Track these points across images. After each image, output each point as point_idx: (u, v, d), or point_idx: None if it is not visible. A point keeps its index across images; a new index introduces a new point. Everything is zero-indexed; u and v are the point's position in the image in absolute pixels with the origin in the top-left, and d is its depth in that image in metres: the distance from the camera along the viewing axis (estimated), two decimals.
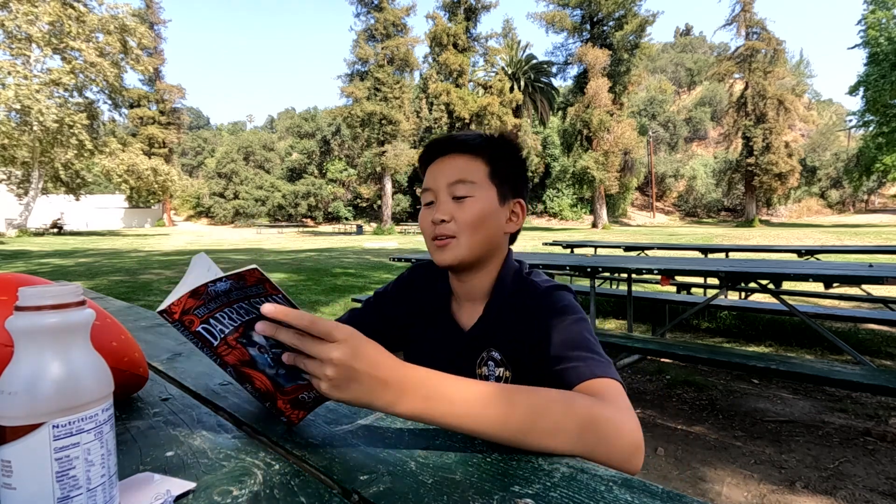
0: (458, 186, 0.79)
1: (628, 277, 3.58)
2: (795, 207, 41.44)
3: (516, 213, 0.85)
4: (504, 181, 0.82)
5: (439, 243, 0.80)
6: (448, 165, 0.81)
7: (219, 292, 0.50)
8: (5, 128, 19.50)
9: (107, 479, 0.37)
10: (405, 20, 31.44)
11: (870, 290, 4.73)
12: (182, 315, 0.51)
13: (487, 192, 0.80)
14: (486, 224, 0.80)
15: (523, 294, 0.81)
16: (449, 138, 0.83)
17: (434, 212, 0.80)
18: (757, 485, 1.88)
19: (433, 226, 0.80)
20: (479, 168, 0.80)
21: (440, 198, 0.80)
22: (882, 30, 21.64)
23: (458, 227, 0.78)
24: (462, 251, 0.79)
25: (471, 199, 0.79)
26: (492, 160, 0.81)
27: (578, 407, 0.54)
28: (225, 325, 0.53)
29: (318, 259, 11.98)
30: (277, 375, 0.57)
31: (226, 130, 67.92)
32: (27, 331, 0.35)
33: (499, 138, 0.85)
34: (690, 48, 71.25)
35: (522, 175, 0.87)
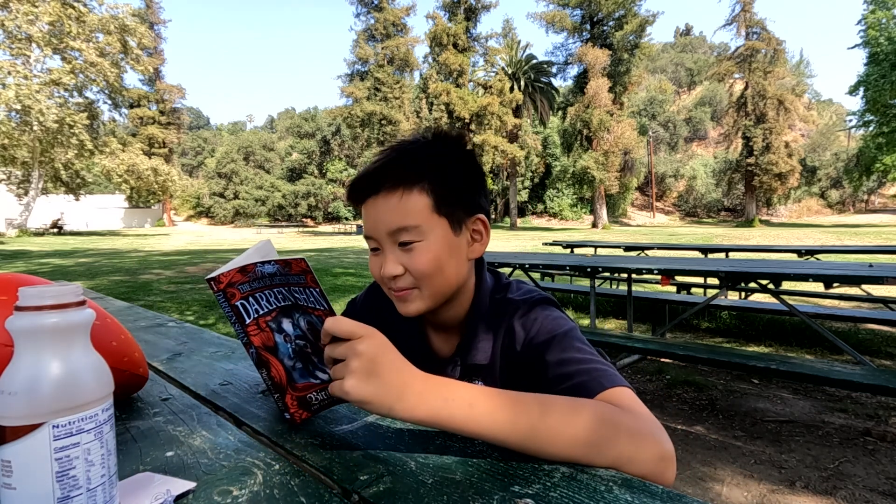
0: (401, 234, 0.66)
1: (628, 277, 3.58)
2: (795, 207, 41.43)
3: (478, 230, 0.73)
4: (454, 205, 0.69)
5: (398, 295, 0.70)
6: (382, 209, 0.67)
7: (264, 274, 0.55)
8: (5, 128, 19.50)
9: (107, 479, 0.37)
10: (405, 20, 31.52)
11: (870, 290, 4.73)
12: (227, 286, 0.54)
13: (436, 230, 0.67)
14: (444, 268, 0.68)
15: (503, 315, 0.73)
16: (375, 171, 0.68)
17: (381, 263, 0.69)
18: (757, 485, 1.88)
19: (386, 279, 0.69)
20: (420, 203, 0.66)
21: (385, 248, 0.68)
22: (882, 30, 21.62)
23: (413, 278, 0.68)
24: (425, 302, 0.70)
25: (419, 245, 0.66)
26: (434, 187, 0.67)
27: (607, 413, 0.51)
28: (261, 307, 0.57)
29: (318, 259, 11.98)
30: (294, 368, 0.59)
31: (226, 130, 67.94)
32: (27, 331, 0.35)
33: (439, 147, 0.71)
34: (690, 48, 71.26)
35: (475, 185, 0.72)
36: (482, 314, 0.74)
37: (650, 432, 0.51)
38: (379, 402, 0.47)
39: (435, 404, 0.49)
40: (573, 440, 0.48)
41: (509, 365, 0.72)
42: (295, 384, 0.59)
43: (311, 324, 0.58)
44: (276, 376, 0.58)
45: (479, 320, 0.74)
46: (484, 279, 0.77)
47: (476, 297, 0.75)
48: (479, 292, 0.75)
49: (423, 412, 0.48)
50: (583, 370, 0.61)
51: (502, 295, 0.76)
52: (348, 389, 0.47)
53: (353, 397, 0.47)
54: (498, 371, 0.73)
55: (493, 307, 0.75)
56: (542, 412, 0.50)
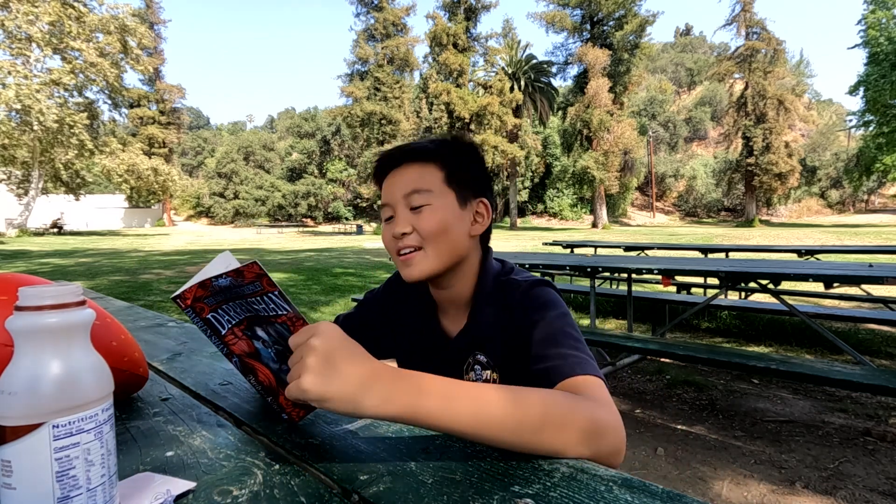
0: (414, 196, 0.76)
1: (628, 277, 3.58)
2: (795, 207, 41.43)
3: (480, 213, 0.82)
4: (462, 183, 0.79)
5: (404, 258, 0.77)
6: (401, 177, 0.78)
7: (220, 287, 0.53)
8: (5, 128, 19.51)
9: (107, 479, 0.37)
10: (405, 20, 31.49)
11: (870, 290, 4.73)
12: (194, 302, 0.54)
13: (445, 197, 0.77)
14: (448, 231, 0.76)
15: (504, 294, 0.80)
16: (399, 149, 0.80)
17: (393, 226, 0.77)
18: (757, 485, 1.88)
19: (395, 240, 0.77)
20: (434, 174, 0.77)
21: (398, 211, 0.77)
22: (882, 30, 21.62)
23: (419, 238, 0.76)
24: (429, 263, 0.76)
25: (428, 208, 0.75)
26: (447, 164, 0.78)
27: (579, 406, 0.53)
28: (231, 317, 0.57)
29: (318, 259, 11.98)
30: (280, 371, 0.58)
31: (226, 130, 67.94)
32: (27, 331, 0.35)
33: (453, 141, 0.82)
34: (690, 48, 71.26)
35: (482, 175, 0.83)
36: (487, 293, 0.81)
37: (604, 420, 0.54)
38: (342, 397, 0.44)
39: (406, 397, 0.46)
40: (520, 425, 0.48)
41: (508, 340, 0.77)
42: (285, 384, 0.58)
43: (278, 333, 0.56)
44: (265, 380, 0.58)
45: (484, 298, 0.81)
46: (490, 262, 0.84)
47: (481, 277, 0.82)
48: (484, 273, 0.82)
49: (394, 407, 0.45)
50: (560, 354, 0.65)
51: (507, 277, 0.82)
52: (306, 387, 0.43)
53: (312, 395, 0.44)
54: (499, 344, 0.78)
55: (498, 287, 0.81)
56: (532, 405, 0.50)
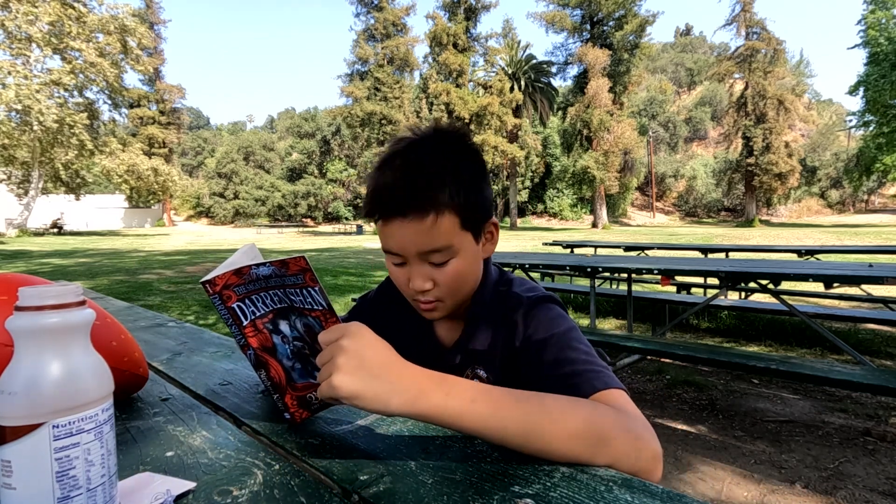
0: (433, 255, 0.67)
1: (628, 277, 3.58)
2: (795, 207, 41.44)
3: (490, 232, 0.75)
4: (476, 217, 0.69)
5: (425, 307, 0.71)
6: (411, 231, 0.64)
7: (259, 276, 0.54)
8: (5, 128, 19.51)
9: (107, 479, 0.37)
10: (405, 20, 31.49)
11: (870, 290, 4.73)
12: (223, 289, 0.54)
13: (465, 243, 0.68)
14: (469, 276, 0.72)
15: (505, 307, 0.75)
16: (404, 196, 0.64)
17: (409, 277, 0.69)
18: (757, 485, 1.88)
19: (413, 290, 0.70)
20: (451, 224, 0.65)
21: (413, 265, 0.68)
22: (882, 30, 21.61)
23: (441, 291, 0.69)
24: (450, 308, 0.73)
25: (452, 262, 0.68)
26: (460, 206, 0.66)
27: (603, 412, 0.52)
28: (258, 308, 0.57)
29: (318, 259, 11.98)
30: (293, 369, 0.59)
31: (226, 130, 67.93)
32: (27, 331, 0.35)
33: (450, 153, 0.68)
34: (690, 48, 71.26)
35: (488, 191, 0.73)
36: (485, 304, 0.77)
37: (642, 432, 0.52)
38: (372, 395, 0.46)
39: (436, 399, 0.47)
40: (571, 437, 0.48)
41: (508, 357, 0.73)
42: (294, 384, 0.59)
43: (308, 326, 0.58)
44: (276, 377, 0.58)
45: (482, 310, 0.77)
46: (489, 272, 0.79)
47: (480, 287, 0.77)
48: (483, 284, 0.77)
49: (424, 406, 0.47)
50: (577, 371, 0.62)
51: (506, 288, 0.78)
52: (337, 384, 0.45)
53: (343, 392, 0.45)
54: (498, 361, 0.75)
55: (497, 298, 0.77)
56: (541, 409, 0.49)
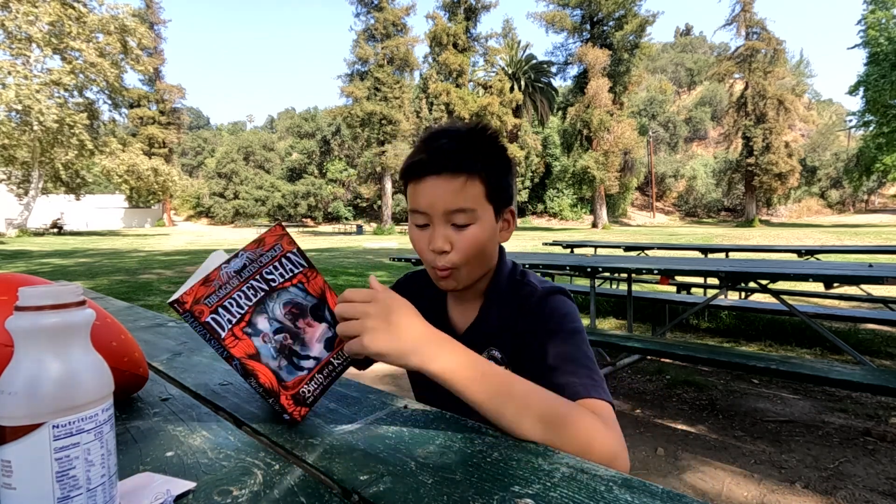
0: (458, 215, 0.72)
1: (628, 277, 3.58)
2: (795, 207, 41.44)
3: (508, 220, 0.81)
4: (499, 197, 0.77)
5: (442, 273, 0.76)
6: (443, 189, 0.71)
7: (231, 274, 0.54)
8: (5, 128, 19.50)
9: (107, 479, 0.37)
10: (405, 20, 31.46)
11: (870, 290, 4.73)
12: (193, 305, 0.53)
13: (486, 214, 0.75)
14: (486, 248, 0.76)
15: (521, 295, 0.80)
16: (441, 155, 0.72)
17: (431, 238, 0.74)
18: (757, 485, 1.88)
19: (431, 253, 0.75)
20: (478, 190, 0.73)
21: (436, 224, 0.74)
22: (882, 30, 21.62)
23: (458, 256, 0.74)
24: (465, 279, 0.77)
25: (472, 227, 0.73)
26: (489, 179, 0.74)
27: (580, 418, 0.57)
28: (233, 314, 0.56)
29: (318, 259, 11.98)
30: (280, 368, 0.58)
31: (226, 130, 67.92)
32: (27, 331, 0.35)
33: (490, 143, 0.76)
34: (690, 48, 71.26)
35: (512, 181, 0.80)
36: (500, 291, 0.81)
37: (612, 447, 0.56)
38: (396, 353, 0.54)
39: (447, 362, 0.55)
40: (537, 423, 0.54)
41: (518, 343, 0.77)
42: (285, 383, 0.58)
43: (288, 305, 0.58)
44: (267, 382, 0.57)
45: (497, 296, 0.81)
46: (504, 260, 0.84)
47: (496, 275, 0.82)
48: (499, 271, 0.82)
49: (437, 367, 0.55)
50: (578, 372, 0.67)
51: (522, 279, 0.83)
52: (367, 343, 0.53)
53: (372, 350, 0.53)
54: (510, 344, 0.79)
55: (512, 287, 0.82)
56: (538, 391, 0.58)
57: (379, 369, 3.35)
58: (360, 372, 1.02)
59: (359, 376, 2.92)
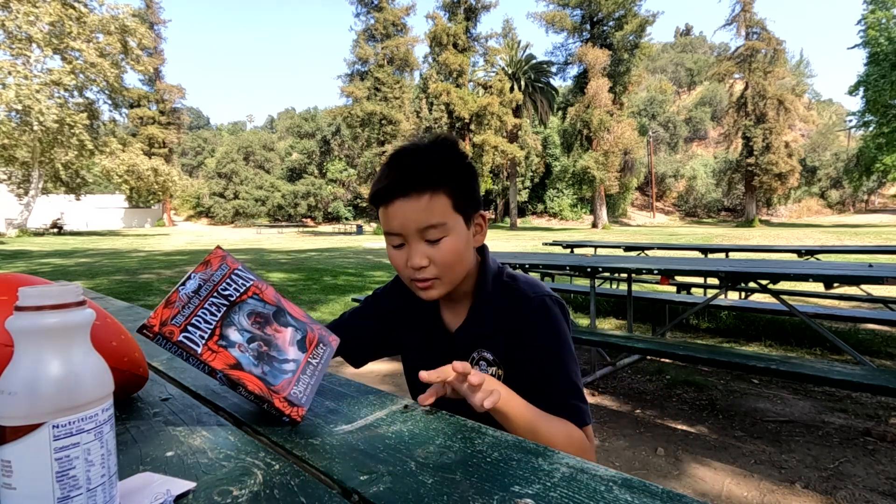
0: (430, 231, 0.75)
1: (628, 277, 3.58)
2: (795, 207, 41.44)
3: (480, 224, 0.85)
4: (467, 205, 0.80)
5: (421, 285, 0.79)
6: (411, 209, 0.75)
7: (190, 294, 0.54)
8: (6, 128, 19.50)
9: (107, 479, 0.37)
10: (405, 20, 31.50)
11: (870, 290, 4.73)
12: (161, 328, 0.53)
13: (457, 224, 0.78)
14: (461, 257, 0.79)
15: (511, 298, 0.83)
16: (405, 177, 0.75)
17: (408, 256, 0.77)
18: (757, 485, 1.88)
19: (410, 269, 0.78)
20: (445, 204, 0.76)
21: (411, 243, 0.77)
22: (882, 30, 21.62)
23: (437, 269, 0.77)
24: (445, 288, 0.80)
25: (445, 240, 0.76)
26: (453, 191, 0.77)
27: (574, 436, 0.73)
28: (203, 331, 0.56)
29: (318, 259, 11.98)
30: (265, 374, 0.59)
31: (226, 130, 67.91)
32: (27, 331, 0.35)
33: (450, 155, 0.79)
34: (690, 48, 71.26)
35: (476, 186, 0.83)
36: (488, 292, 0.85)
37: None
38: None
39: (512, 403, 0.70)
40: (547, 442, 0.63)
41: (510, 342, 0.82)
42: (274, 387, 0.58)
43: (251, 314, 0.59)
44: (256, 389, 0.57)
45: (485, 297, 0.84)
46: (488, 262, 0.87)
47: (481, 277, 0.86)
48: (483, 273, 0.86)
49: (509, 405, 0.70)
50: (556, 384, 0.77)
51: (511, 282, 0.85)
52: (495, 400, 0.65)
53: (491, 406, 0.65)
54: (502, 348, 0.83)
55: (501, 289, 0.85)
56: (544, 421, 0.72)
57: (379, 369, 3.35)
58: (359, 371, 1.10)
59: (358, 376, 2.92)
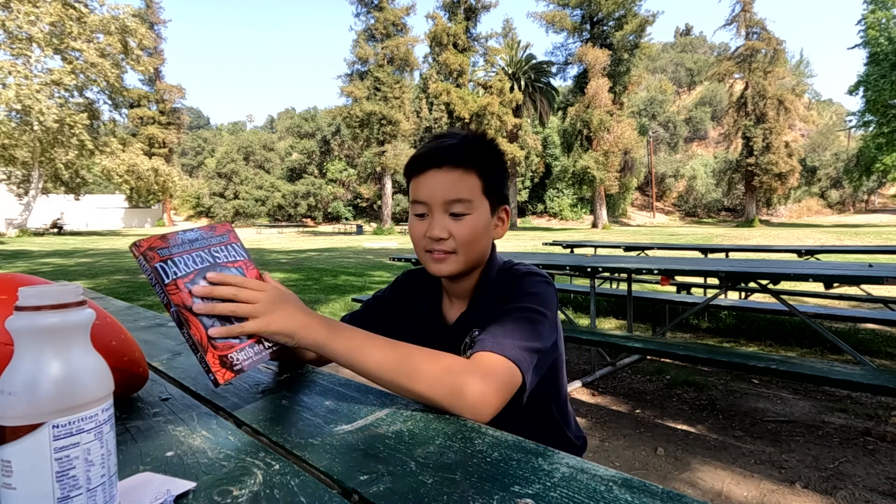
0: (455, 205, 0.79)
1: (628, 277, 3.58)
2: (795, 207, 41.42)
3: (502, 218, 0.88)
4: (495, 194, 0.83)
5: (436, 256, 0.81)
6: (442, 180, 0.79)
7: (185, 240, 0.63)
8: (6, 128, 19.51)
9: (107, 479, 0.37)
10: (405, 20, 31.43)
11: (870, 290, 4.73)
12: (147, 250, 0.60)
13: (482, 207, 0.81)
14: (480, 239, 0.82)
15: (504, 281, 0.86)
16: (442, 150, 0.80)
17: (429, 226, 0.80)
18: (757, 485, 1.88)
19: (428, 240, 0.80)
20: (475, 184, 0.80)
21: (435, 214, 0.80)
22: (882, 30, 21.61)
23: (456, 243, 0.80)
24: (459, 265, 0.82)
25: (468, 217, 0.80)
26: (485, 174, 0.81)
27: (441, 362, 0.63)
28: (179, 269, 0.62)
29: (318, 259, 11.98)
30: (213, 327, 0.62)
31: (226, 130, 67.85)
32: (27, 331, 0.35)
33: (488, 145, 0.83)
34: (690, 48, 71.22)
35: (506, 182, 0.88)
36: (489, 285, 0.87)
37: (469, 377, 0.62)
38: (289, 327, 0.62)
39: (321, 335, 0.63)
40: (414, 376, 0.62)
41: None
42: (215, 342, 0.61)
43: None
44: (196, 335, 0.60)
45: (485, 290, 0.87)
46: (495, 256, 0.90)
47: (486, 270, 0.88)
48: (488, 267, 0.88)
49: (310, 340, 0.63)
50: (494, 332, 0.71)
51: (508, 267, 0.89)
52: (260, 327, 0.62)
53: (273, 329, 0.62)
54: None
55: (500, 277, 0.87)
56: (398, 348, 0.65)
57: None
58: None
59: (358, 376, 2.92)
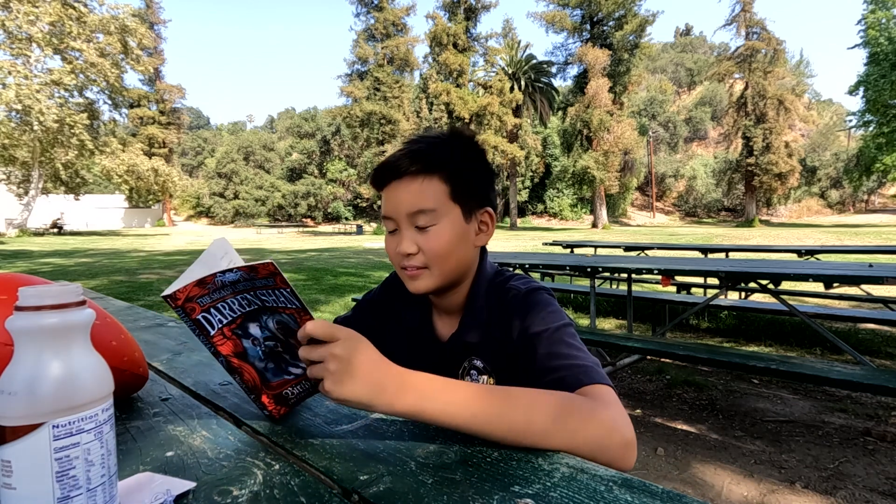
0: (419, 217, 0.72)
1: (628, 277, 3.58)
2: (795, 207, 41.41)
3: (485, 222, 0.79)
4: (467, 196, 0.75)
5: (410, 273, 0.75)
6: (403, 192, 0.73)
7: (226, 282, 0.53)
8: (6, 128, 19.51)
9: (107, 479, 0.37)
10: (405, 20, 31.47)
11: (870, 290, 4.73)
12: (185, 302, 0.53)
13: (450, 215, 0.74)
14: (455, 249, 0.74)
15: (499, 299, 0.78)
16: (399, 159, 0.73)
17: (398, 242, 0.75)
18: (757, 485, 1.88)
19: (399, 255, 0.75)
20: (439, 190, 0.72)
21: (402, 228, 0.74)
22: (882, 30, 21.60)
23: (426, 258, 0.73)
24: (435, 280, 0.75)
25: (434, 228, 0.73)
26: (451, 177, 0.73)
27: (576, 405, 0.55)
28: (224, 316, 0.56)
29: (318, 259, 11.98)
30: (266, 370, 0.60)
31: (226, 130, 67.83)
32: (27, 331, 0.35)
33: (457, 143, 0.76)
34: (690, 48, 71.20)
35: (487, 180, 0.79)
36: (481, 296, 0.80)
37: (613, 421, 0.55)
38: (357, 400, 0.50)
39: (412, 399, 0.52)
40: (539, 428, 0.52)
41: (505, 349, 0.76)
42: (270, 383, 0.60)
43: (281, 323, 0.57)
44: (250, 380, 0.59)
45: (477, 303, 0.80)
46: (485, 266, 0.82)
47: (476, 282, 0.81)
48: (478, 278, 0.81)
49: (401, 407, 0.51)
50: (567, 365, 0.65)
51: (503, 281, 0.81)
52: (328, 390, 0.50)
53: (334, 397, 0.51)
54: (495, 351, 0.78)
55: (492, 291, 0.80)
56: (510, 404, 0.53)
57: None
58: None
59: None
